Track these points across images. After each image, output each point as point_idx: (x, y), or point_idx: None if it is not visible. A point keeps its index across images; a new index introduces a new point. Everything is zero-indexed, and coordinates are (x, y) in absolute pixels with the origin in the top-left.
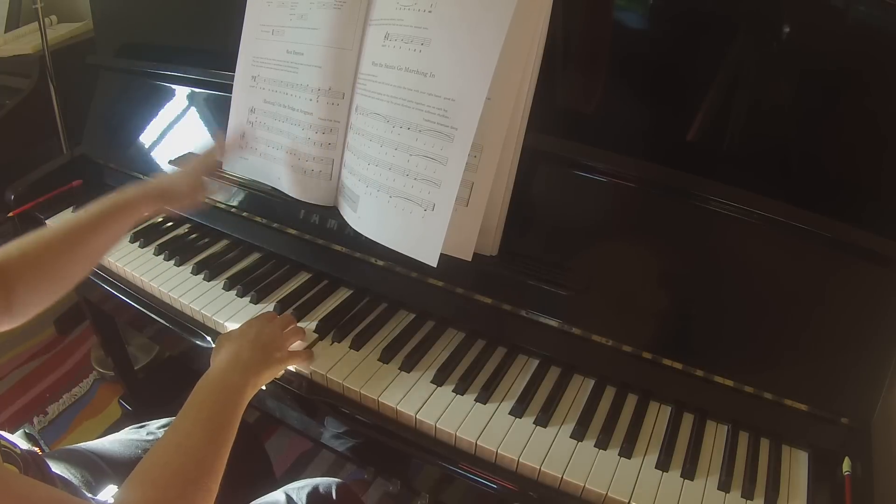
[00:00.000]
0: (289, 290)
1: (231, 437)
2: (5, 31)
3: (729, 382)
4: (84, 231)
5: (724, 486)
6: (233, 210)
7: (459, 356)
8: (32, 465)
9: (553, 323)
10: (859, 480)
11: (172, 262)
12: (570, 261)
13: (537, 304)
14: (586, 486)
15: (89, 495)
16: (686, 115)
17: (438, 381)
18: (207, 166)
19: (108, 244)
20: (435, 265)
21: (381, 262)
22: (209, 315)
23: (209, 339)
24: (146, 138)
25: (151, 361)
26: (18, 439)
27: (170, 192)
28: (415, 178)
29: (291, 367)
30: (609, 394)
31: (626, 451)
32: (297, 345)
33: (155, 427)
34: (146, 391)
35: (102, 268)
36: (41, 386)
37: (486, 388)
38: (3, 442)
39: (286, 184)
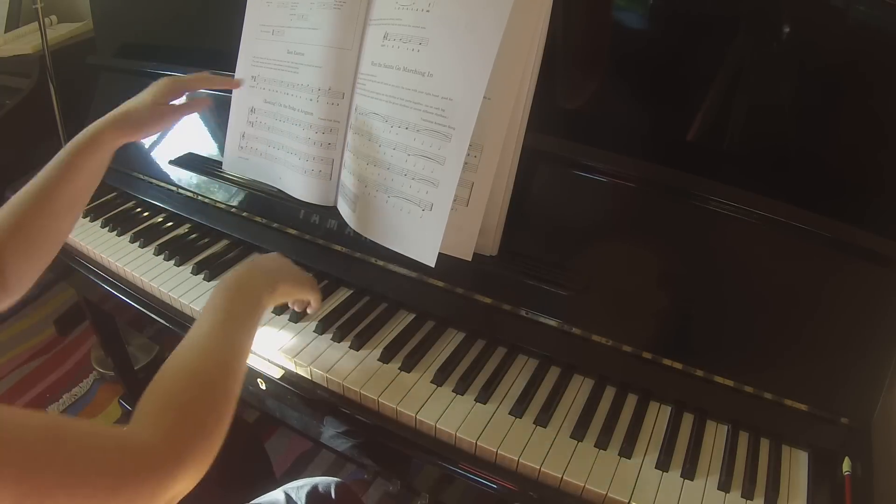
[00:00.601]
0: None
1: (246, 353)
2: (5, 31)
3: (729, 382)
4: (55, 184)
5: (724, 486)
6: (233, 210)
7: (459, 356)
8: None
9: (553, 323)
10: (859, 480)
11: (172, 262)
12: (570, 261)
13: (537, 304)
14: (586, 486)
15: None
16: (686, 115)
17: (438, 381)
18: (172, 87)
19: (85, 189)
20: (433, 265)
21: (381, 262)
22: None
23: None
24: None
25: (151, 361)
26: None
27: (132, 118)
28: (413, 178)
29: (311, 303)
30: (609, 394)
31: (626, 451)
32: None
33: None
34: None
35: (102, 268)
36: (41, 386)
37: (486, 388)
38: None
39: (286, 184)
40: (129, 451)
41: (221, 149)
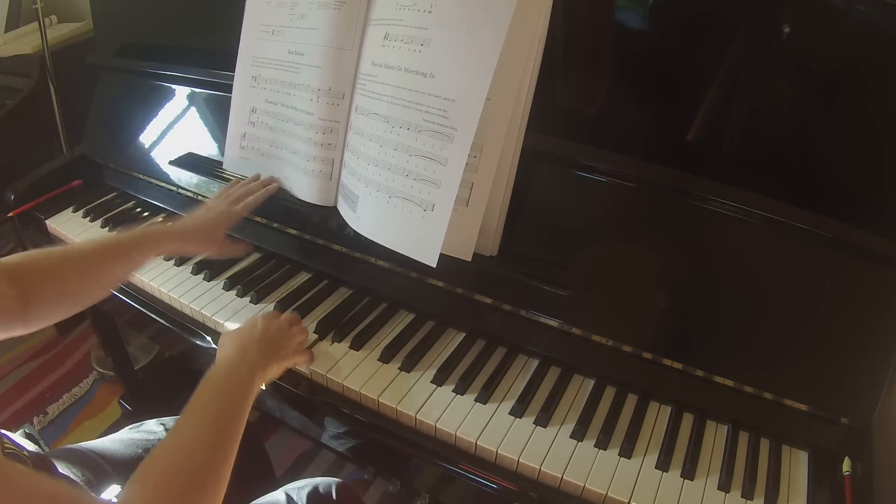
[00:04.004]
0: (289, 290)
1: (238, 436)
2: (5, 31)
3: (729, 382)
4: (109, 257)
5: (724, 486)
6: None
7: (459, 356)
8: (41, 467)
9: (553, 323)
10: (859, 480)
11: (172, 261)
12: (570, 261)
13: (537, 303)
14: (586, 486)
15: (91, 493)
16: (686, 115)
17: (438, 381)
18: (232, 218)
19: (128, 273)
20: (434, 265)
21: (381, 262)
22: (209, 315)
23: (209, 339)
24: (146, 138)
25: (151, 361)
26: (24, 441)
27: (193, 238)
28: (414, 179)
29: (300, 367)
30: (609, 394)
31: (626, 451)
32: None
33: (153, 424)
34: (146, 391)
35: None
36: (41, 386)
37: (486, 388)
38: (10, 444)
39: (286, 184)
40: None
41: (221, 149)
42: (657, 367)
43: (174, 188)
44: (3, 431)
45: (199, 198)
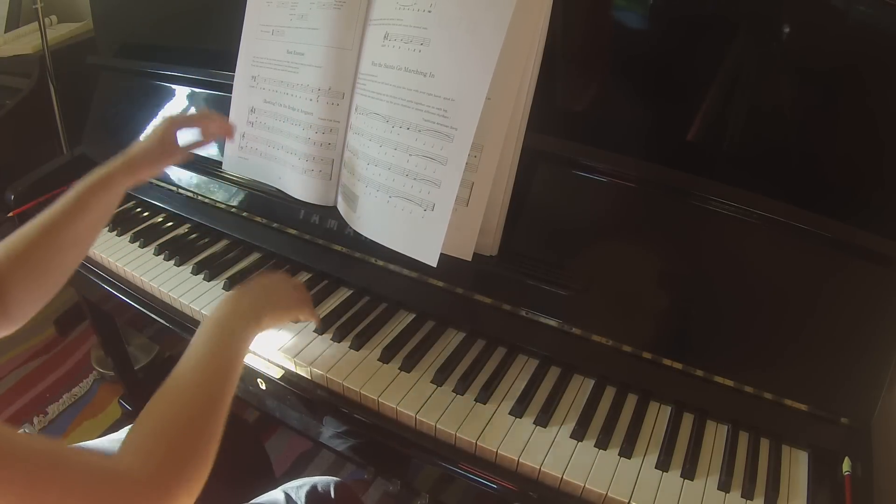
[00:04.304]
0: None
1: (232, 387)
2: (5, 31)
3: (729, 382)
4: (64, 218)
5: (724, 486)
6: (233, 210)
7: (459, 356)
8: None
9: (553, 323)
10: (859, 480)
11: (172, 262)
12: (570, 261)
13: (537, 304)
14: (586, 486)
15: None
16: (686, 115)
17: (438, 381)
18: (175, 124)
19: (93, 227)
20: (435, 265)
21: (381, 262)
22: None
23: None
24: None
25: (151, 361)
26: None
27: (141, 160)
28: (414, 178)
29: (303, 318)
30: (609, 394)
31: (626, 451)
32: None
33: None
34: (146, 391)
35: (102, 268)
36: (41, 386)
37: (486, 388)
38: None
39: (286, 183)
40: (122, 483)
41: (221, 149)
42: (657, 367)
43: (174, 188)
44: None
45: (199, 198)
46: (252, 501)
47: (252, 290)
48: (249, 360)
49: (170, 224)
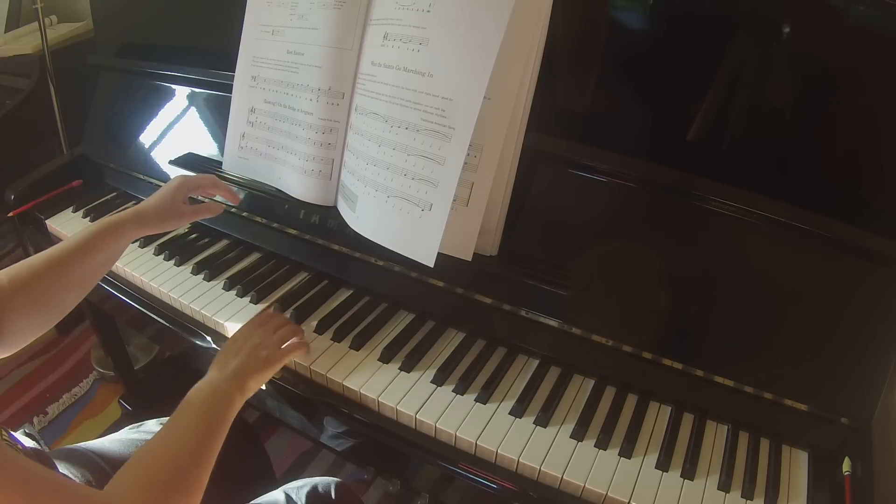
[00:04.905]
0: (289, 290)
1: (217, 446)
2: (5, 31)
3: (729, 382)
4: (72, 257)
5: (724, 486)
6: (233, 210)
7: (459, 356)
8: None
9: (553, 323)
10: (859, 480)
11: (172, 262)
12: (570, 261)
13: (537, 304)
14: (586, 486)
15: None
16: (686, 115)
17: (438, 381)
18: (186, 187)
19: (98, 270)
20: (432, 265)
21: (381, 262)
22: (209, 315)
23: (209, 338)
24: (146, 138)
25: (151, 361)
26: (24, 438)
27: (151, 216)
28: (412, 178)
29: (296, 359)
30: (609, 394)
31: (626, 451)
32: (291, 341)
33: (153, 424)
34: (146, 391)
35: None
36: (41, 386)
37: (486, 388)
38: (9, 439)
39: (286, 184)
40: None
41: (221, 149)
42: (657, 367)
43: None
44: (9, 432)
45: (199, 198)
46: (252, 502)
47: (238, 352)
48: None
49: None
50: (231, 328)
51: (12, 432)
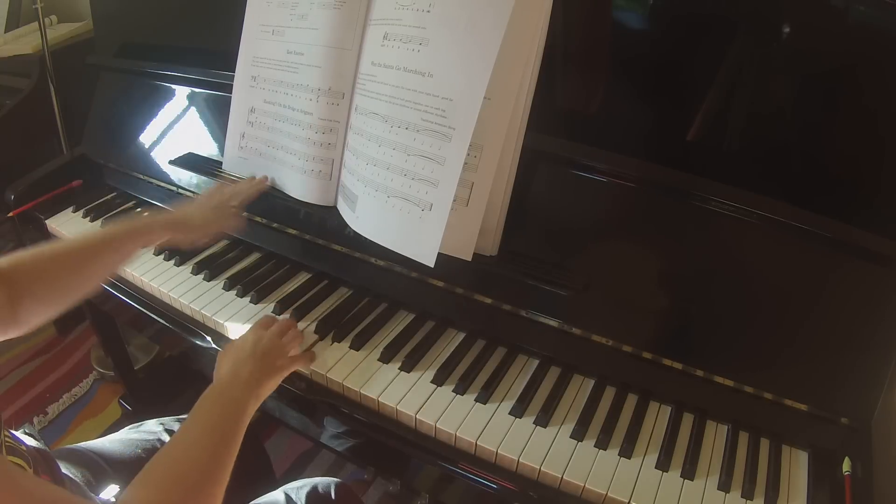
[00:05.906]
0: (289, 290)
1: (234, 452)
2: (5, 31)
3: (729, 382)
4: (96, 250)
5: (724, 486)
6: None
7: (459, 356)
8: (42, 463)
9: (553, 323)
10: (859, 480)
11: (172, 262)
12: (570, 261)
13: (537, 303)
14: (586, 486)
15: (92, 495)
16: (686, 115)
17: (438, 381)
18: (223, 200)
19: (117, 265)
20: (432, 265)
21: (381, 262)
22: (209, 315)
23: (209, 338)
24: (146, 138)
25: (151, 361)
26: (25, 437)
27: (183, 225)
28: (412, 178)
29: (301, 369)
30: (609, 394)
31: (626, 451)
32: (295, 349)
33: (153, 424)
34: (146, 391)
35: None
36: (41, 386)
37: (486, 388)
38: (10, 439)
39: (286, 184)
40: None
41: (221, 149)
42: (657, 367)
43: (174, 188)
44: (11, 432)
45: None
46: (252, 502)
47: (249, 359)
48: None
49: None
50: (231, 328)
51: (13, 432)
